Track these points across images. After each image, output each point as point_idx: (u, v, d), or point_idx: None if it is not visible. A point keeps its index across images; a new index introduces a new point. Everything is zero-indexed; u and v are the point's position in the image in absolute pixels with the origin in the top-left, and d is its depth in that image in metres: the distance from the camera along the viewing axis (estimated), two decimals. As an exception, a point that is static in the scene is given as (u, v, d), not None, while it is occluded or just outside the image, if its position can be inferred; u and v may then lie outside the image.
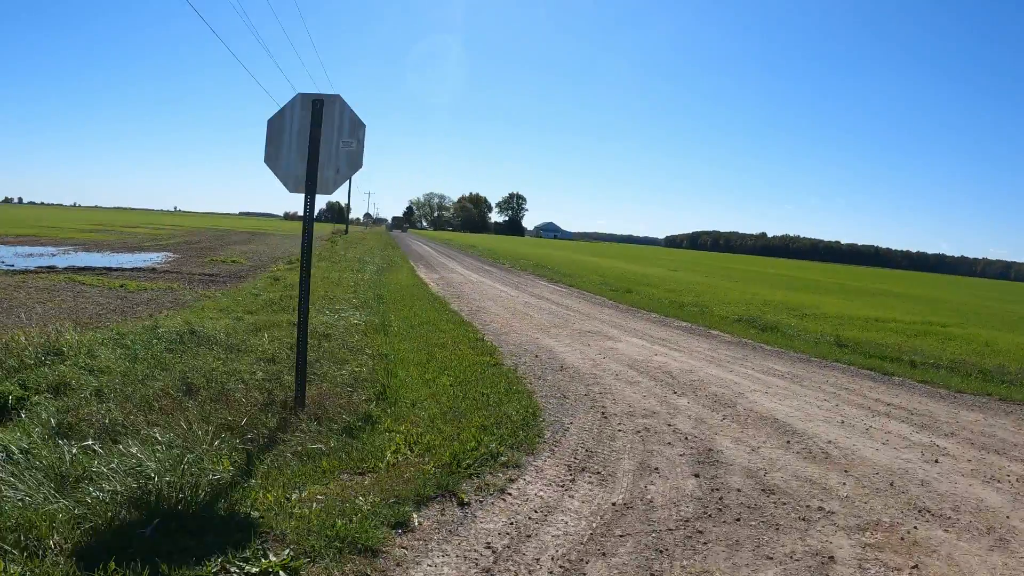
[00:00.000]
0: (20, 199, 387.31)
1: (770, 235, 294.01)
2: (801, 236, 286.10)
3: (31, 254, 31.27)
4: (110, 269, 24.96)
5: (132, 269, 25.67)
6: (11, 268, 23.00)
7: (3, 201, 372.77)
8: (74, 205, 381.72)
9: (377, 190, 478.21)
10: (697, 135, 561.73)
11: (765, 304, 23.67)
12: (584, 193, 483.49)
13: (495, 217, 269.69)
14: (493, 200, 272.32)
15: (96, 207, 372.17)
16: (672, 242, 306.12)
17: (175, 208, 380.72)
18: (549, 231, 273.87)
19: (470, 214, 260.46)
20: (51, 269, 23.04)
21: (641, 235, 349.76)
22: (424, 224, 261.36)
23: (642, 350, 13.07)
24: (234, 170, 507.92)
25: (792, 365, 12.59)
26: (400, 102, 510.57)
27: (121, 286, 18.38)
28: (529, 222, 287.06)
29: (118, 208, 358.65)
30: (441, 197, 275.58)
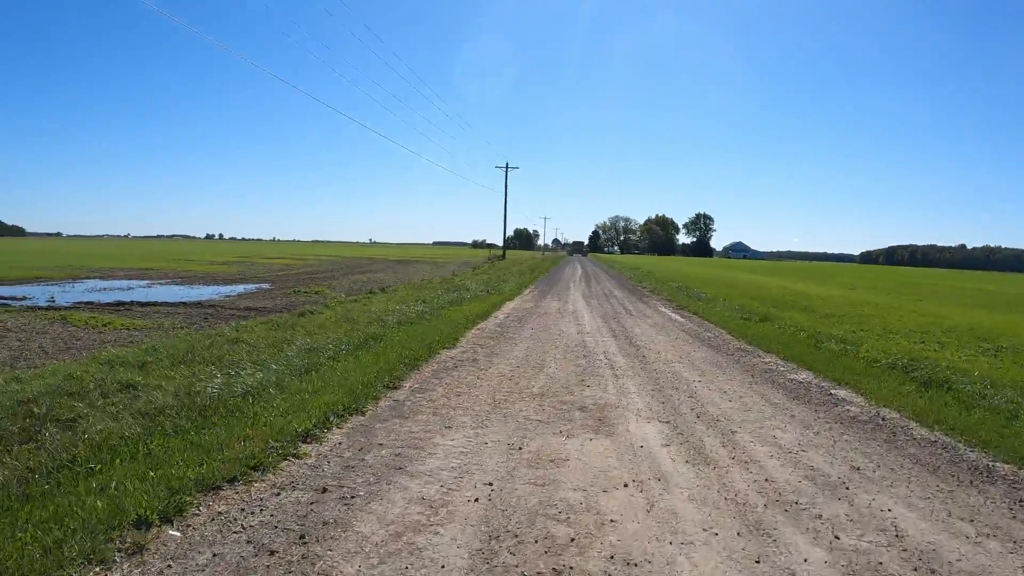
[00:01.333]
0: (221, 235, 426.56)
1: (969, 246, 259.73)
2: (1004, 247, 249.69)
3: (103, 288, 31.04)
4: (157, 304, 23.58)
5: (183, 304, 24.12)
6: (23, 305, 21.97)
7: (205, 237, 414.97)
8: (273, 240, 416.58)
9: (565, 215, 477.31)
10: (893, 142, 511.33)
11: (947, 332, 17.74)
12: (776, 211, 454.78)
13: (682, 239, 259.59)
14: (680, 221, 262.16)
15: (294, 240, 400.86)
16: (868, 258, 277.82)
17: (370, 240, 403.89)
18: (738, 251, 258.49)
19: (657, 236, 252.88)
20: (89, 305, 22.35)
21: (835, 252, 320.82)
22: (614, 248, 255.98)
23: (643, 466, 6.47)
24: (429, 203, 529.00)
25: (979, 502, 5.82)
26: (587, 125, 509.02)
27: (106, 325, 17.24)
28: (718, 243, 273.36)
29: (315, 241, 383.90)
30: (627, 220, 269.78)
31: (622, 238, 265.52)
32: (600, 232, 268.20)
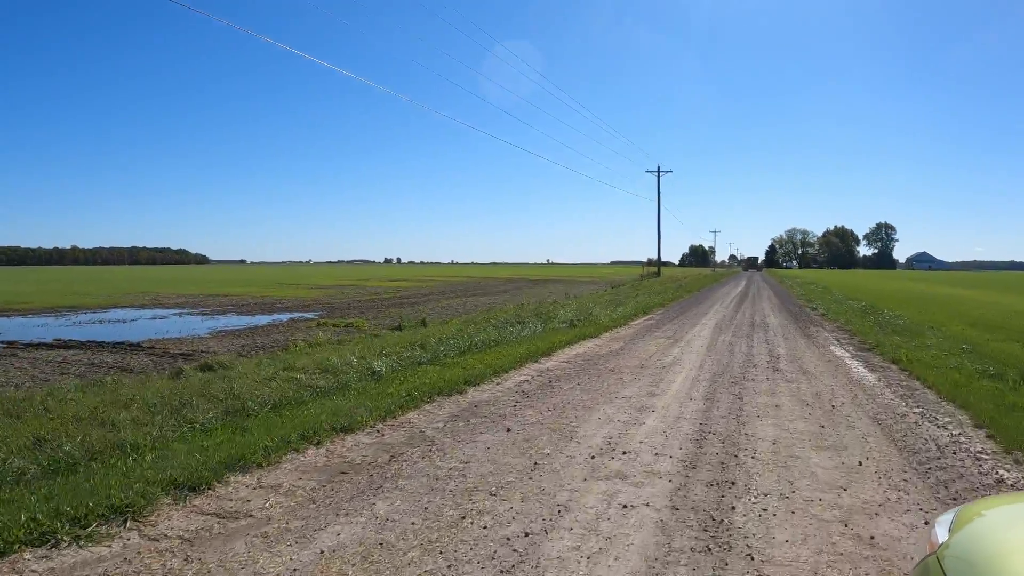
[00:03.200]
0: (399, 259, 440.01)
1: None
2: None
3: (98, 320, 27.08)
4: (81, 344, 18.31)
5: (103, 344, 18.34)
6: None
7: (384, 261, 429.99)
8: (451, 263, 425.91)
9: (740, 230, 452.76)
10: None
11: None
12: (957, 218, 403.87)
13: (863, 250, 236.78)
14: (860, 232, 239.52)
15: (472, 263, 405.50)
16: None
17: (547, 260, 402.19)
18: (923, 262, 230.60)
19: (836, 249, 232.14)
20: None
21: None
22: (792, 263, 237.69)
23: None
24: (608, 223, 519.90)
25: None
26: (763, 136, 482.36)
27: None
28: (901, 253, 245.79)
29: (492, 263, 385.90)
30: (804, 232, 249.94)
31: (799, 252, 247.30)
32: (776, 246, 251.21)
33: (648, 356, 13.88)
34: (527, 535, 4.65)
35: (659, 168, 78.65)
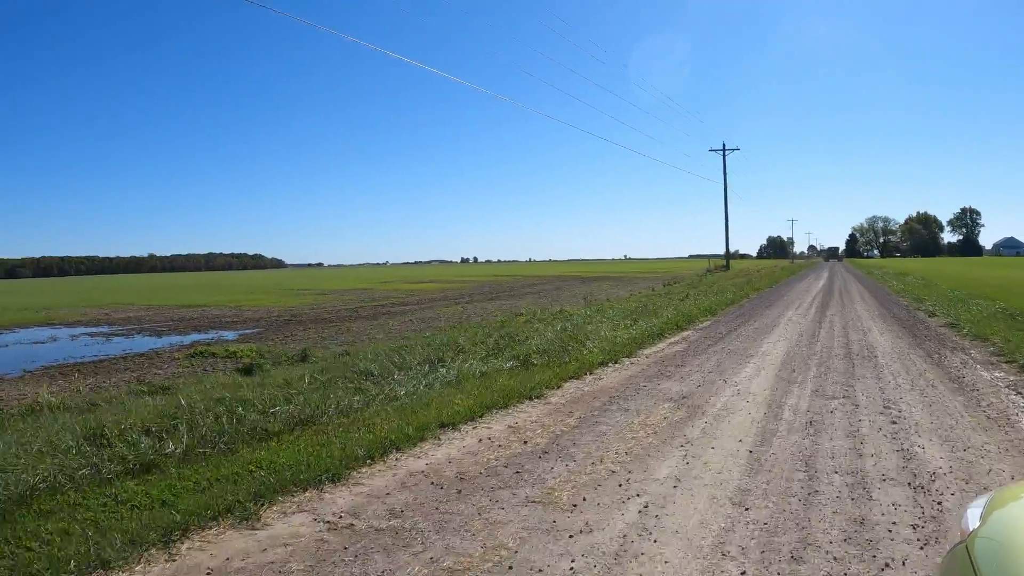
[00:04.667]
0: (475, 258, 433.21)
1: None
2: None
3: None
4: None
5: None
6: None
7: (461, 260, 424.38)
8: (528, 260, 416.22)
9: (818, 219, 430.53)
10: None
11: None
12: None
13: (947, 237, 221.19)
14: (943, 218, 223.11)
15: (550, 260, 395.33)
16: None
17: (624, 256, 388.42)
18: (1011, 248, 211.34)
19: (919, 236, 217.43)
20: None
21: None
22: (873, 252, 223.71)
23: None
24: (687, 216, 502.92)
25: None
26: (839, 124, 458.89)
27: None
28: (986, 239, 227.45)
29: (569, 260, 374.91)
30: (886, 220, 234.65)
31: (880, 240, 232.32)
32: (857, 235, 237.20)
33: (585, 487, 5.89)
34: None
35: (724, 146, 69.46)
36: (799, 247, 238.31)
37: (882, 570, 3.87)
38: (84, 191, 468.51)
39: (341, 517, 4.90)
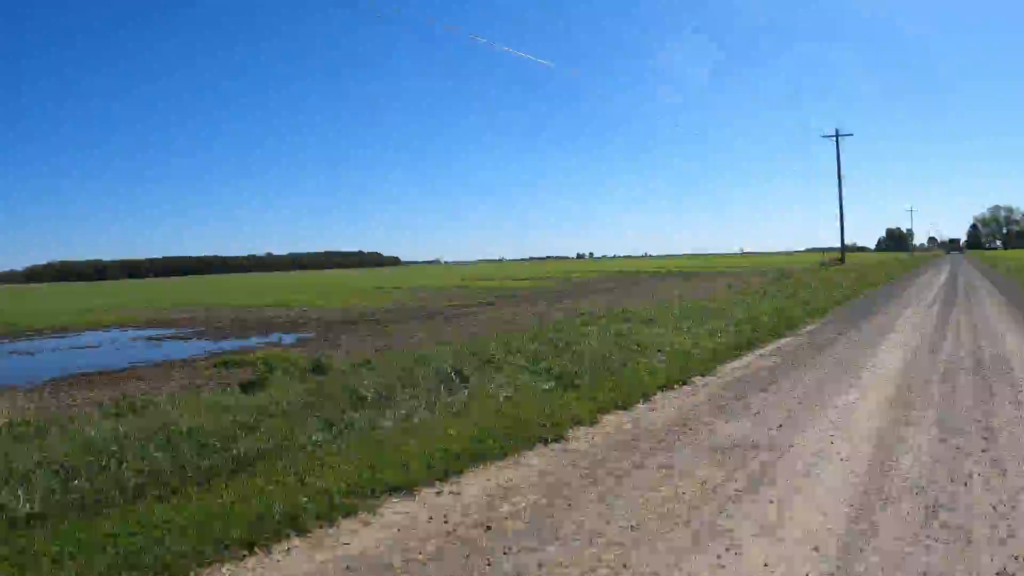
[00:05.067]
0: (591, 254, 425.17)
1: None
2: None
3: None
4: None
5: None
6: None
7: (576, 256, 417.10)
8: (644, 255, 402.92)
9: (939, 209, 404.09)
10: None
11: None
12: None
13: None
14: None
15: (666, 255, 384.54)
16: None
17: (740, 250, 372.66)
18: None
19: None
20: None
21: None
22: (996, 243, 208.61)
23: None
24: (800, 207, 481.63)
25: None
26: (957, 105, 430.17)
27: None
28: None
29: (687, 255, 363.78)
30: (1009, 210, 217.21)
31: (1004, 231, 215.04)
32: (979, 225, 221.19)
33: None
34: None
35: (837, 132, 64.50)
36: (918, 239, 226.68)
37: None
38: (206, 191, 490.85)
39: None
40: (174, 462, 6.02)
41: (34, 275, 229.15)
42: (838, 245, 71.11)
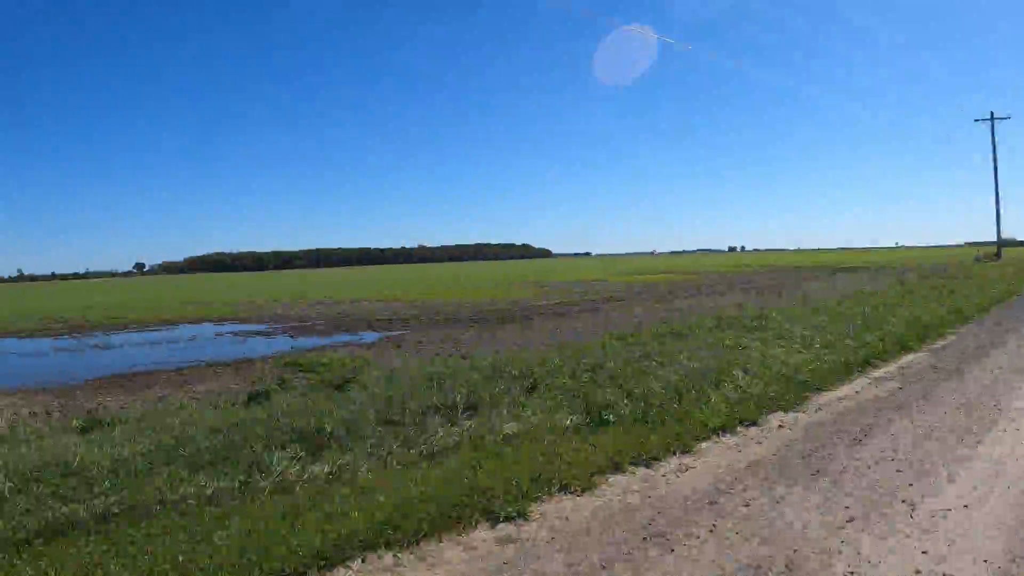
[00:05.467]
0: (743, 247, 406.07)
1: None
2: None
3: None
4: None
5: None
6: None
7: (728, 249, 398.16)
8: (796, 249, 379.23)
9: None
10: None
11: None
12: None
13: None
14: None
15: (818, 249, 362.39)
16: None
17: (896, 243, 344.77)
18: None
19: None
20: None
21: None
22: None
23: None
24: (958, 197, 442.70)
25: None
26: None
27: None
28: None
29: (842, 248, 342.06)
30: None
31: None
32: None
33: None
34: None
35: (992, 115, 57.10)
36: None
37: None
38: (362, 184, 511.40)
39: None
40: (38, 510, 4.72)
41: (193, 265, 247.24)
42: (1004, 238, 63.16)
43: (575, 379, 9.10)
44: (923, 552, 4.02)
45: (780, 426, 6.98)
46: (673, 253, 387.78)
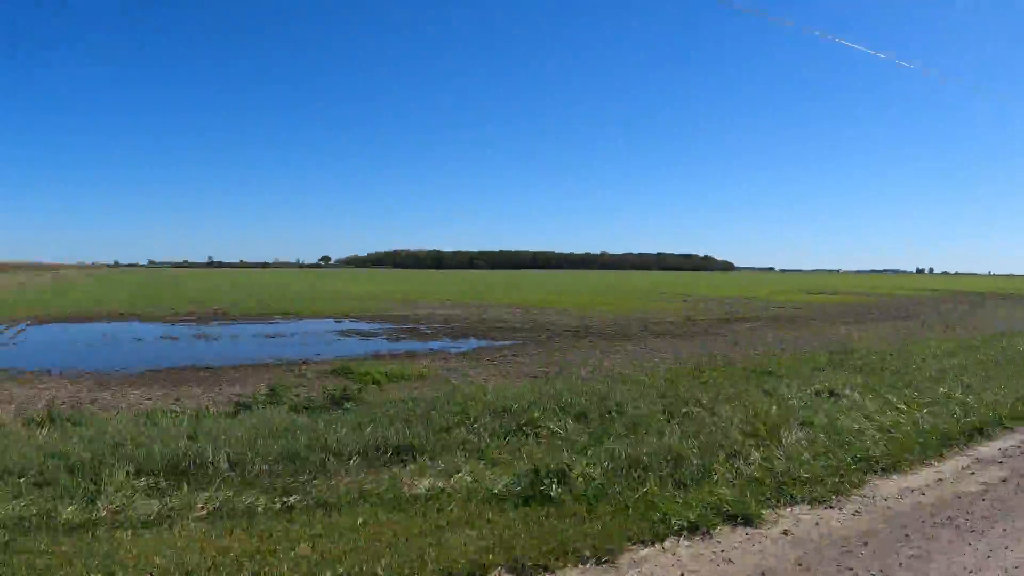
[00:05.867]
0: (931, 269, 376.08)
1: None
2: None
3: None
4: None
5: None
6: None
7: (916, 271, 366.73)
8: (988, 274, 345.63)
9: None
10: None
11: None
12: None
13: None
14: None
15: (1013, 275, 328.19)
16: None
17: None
18: None
19: None
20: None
21: None
22: None
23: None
24: None
25: None
26: None
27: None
28: None
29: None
30: None
31: None
32: None
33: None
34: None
35: None
36: None
37: None
38: (537, 191, 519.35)
39: None
40: None
41: (376, 260, 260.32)
42: None
43: (579, 421, 7.46)
44: None
45: (785, 533, 4.97)
46: (858, 272, 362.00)
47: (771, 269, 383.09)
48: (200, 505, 5.02)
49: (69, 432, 7.13)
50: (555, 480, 5.48)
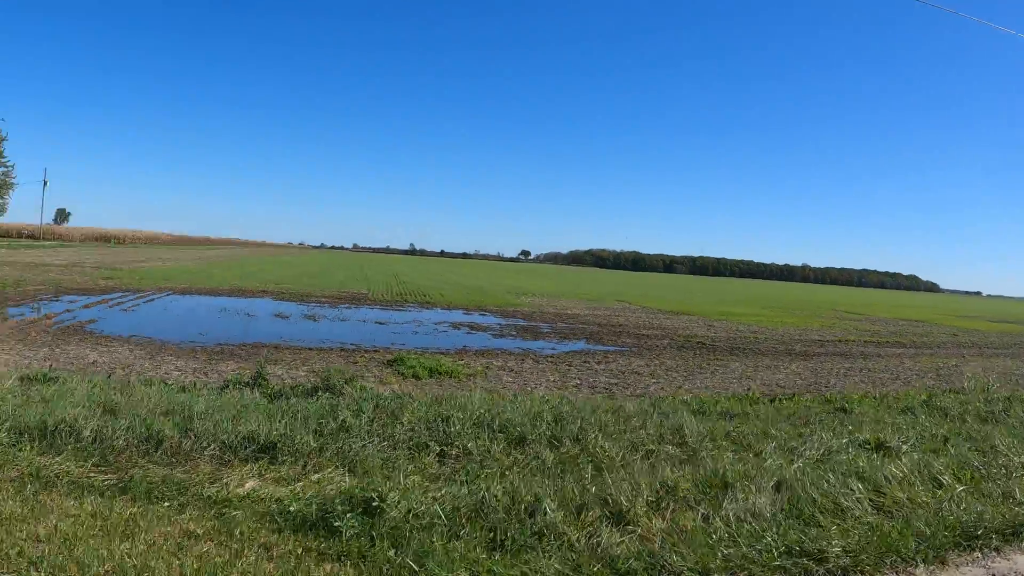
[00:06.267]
0: None
1: None
2: None
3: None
4: None
5: None
6: None
7: None
8: None
9: None
10: None
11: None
12: None
13: None
14: None
15: None
16: None
17: None
18: None
19: None
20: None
21: None
22: None
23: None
24: None
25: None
26: None
27: None
28: None
29: None
30: None
31: None
32: None
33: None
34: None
35: None
36: None
37: None
38: (747, 203, 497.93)
39: None
40: None
41: (575, 258, 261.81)
42: None
43: (514, 446, 6.62)
44: None
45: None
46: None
47: (978, 293, 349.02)
48: (17, 469, 5.03)
49: (32, 392, 7.45)
50: (357, 509, 4.66)
